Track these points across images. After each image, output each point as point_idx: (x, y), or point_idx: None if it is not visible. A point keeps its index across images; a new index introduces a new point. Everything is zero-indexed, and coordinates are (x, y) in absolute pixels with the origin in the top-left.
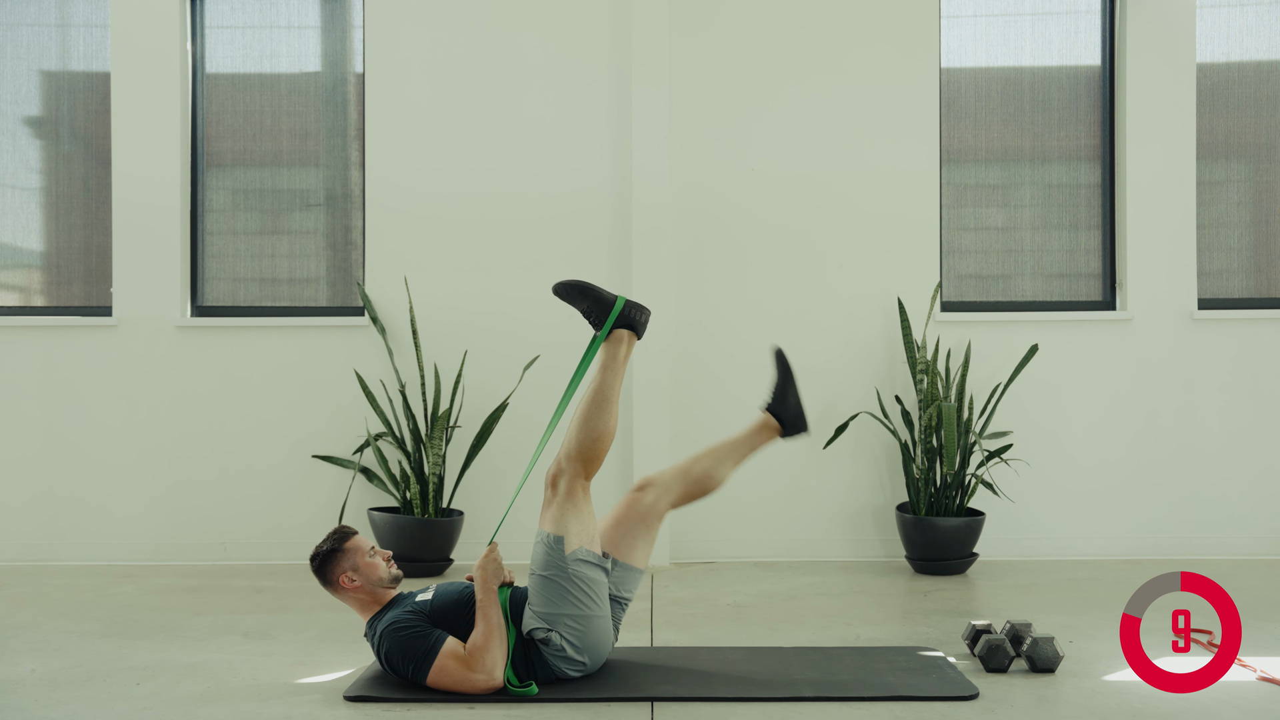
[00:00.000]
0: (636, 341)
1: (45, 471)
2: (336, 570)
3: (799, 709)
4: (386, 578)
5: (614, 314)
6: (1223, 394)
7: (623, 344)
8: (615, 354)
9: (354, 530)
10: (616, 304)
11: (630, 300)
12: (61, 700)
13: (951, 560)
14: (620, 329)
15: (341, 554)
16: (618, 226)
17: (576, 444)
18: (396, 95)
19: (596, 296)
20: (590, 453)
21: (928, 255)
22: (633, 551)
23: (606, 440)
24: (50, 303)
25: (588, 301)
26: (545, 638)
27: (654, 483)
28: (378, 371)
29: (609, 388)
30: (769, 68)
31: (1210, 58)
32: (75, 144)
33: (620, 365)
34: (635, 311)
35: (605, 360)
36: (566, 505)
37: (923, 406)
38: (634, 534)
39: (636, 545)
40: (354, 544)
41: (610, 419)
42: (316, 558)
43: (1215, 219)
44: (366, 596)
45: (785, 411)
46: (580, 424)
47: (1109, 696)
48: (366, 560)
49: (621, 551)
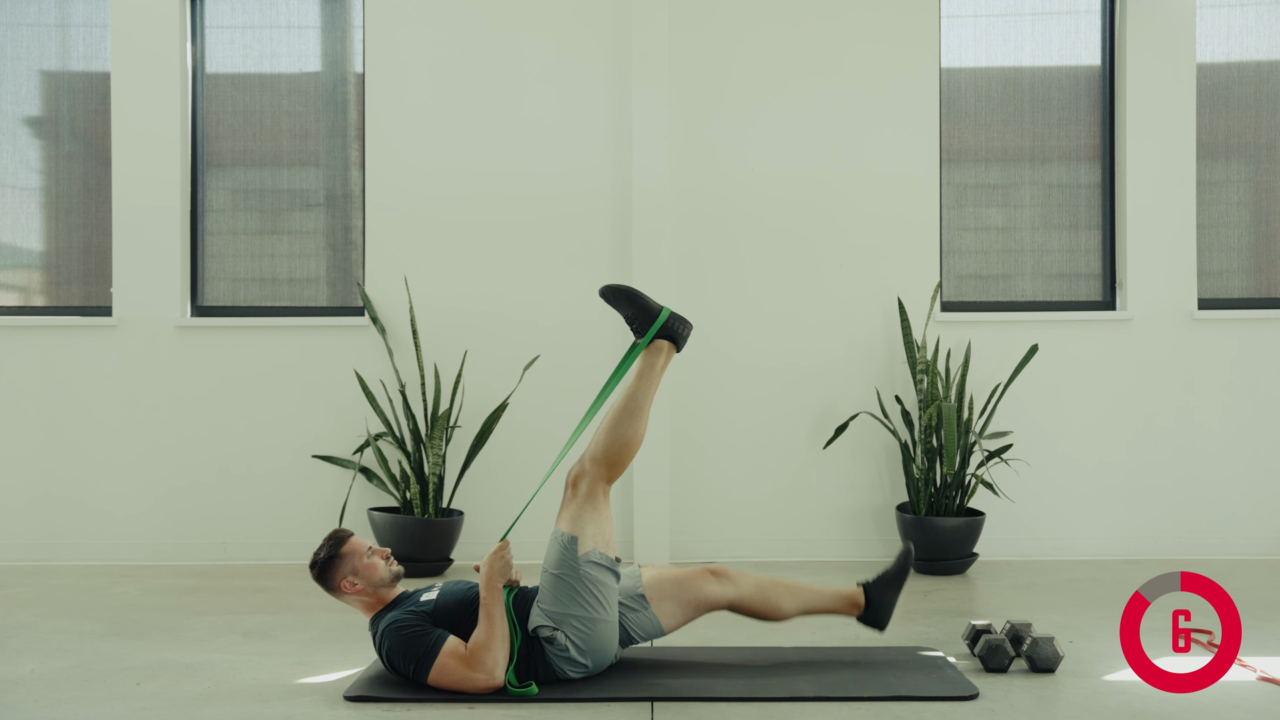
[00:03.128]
0: (675, 354)
1: (45, 471)
2: (337, 576)
3: (799, 709)
4: (388, 577)
5: (658, 323)
6: (1223, 394)
7: (662, 354)
8: (654, 363)
9: (350, 532)
10: (661, 314)
11: (675, 313)
12: (61, 700)
13: (951, 560)
14: (661, 339)
15: (340, 559)
16: (618, 227)
17: (604, 448)
18: (396, 95)
19: (643, 304)
20: (616, 458)
21: (928, 255)
22: (664, 608)
23: (634, 447)
24: (50, 303)
25: (633, 308)
26: (550, 636)
27: (729, 578)
28: (378, 372)
29: (643, 396)
30: (769, 67)
31: (1210, 58)
32: (75, 144)
33: (657, 375)
34: (679, 324)
35: (643, 369)
36: (586, 506)
37: (923, 406)
38: (679, 601)
39: (673, 609)
40: (351, 547)
41: (640, 427)
42: (315, 565)
43: (1215, 219)
44: (369, 597)
45: (880, 602)
46: (610, 429)
47: (1109, 696)
48: (365, 561)
49: (656, 601)
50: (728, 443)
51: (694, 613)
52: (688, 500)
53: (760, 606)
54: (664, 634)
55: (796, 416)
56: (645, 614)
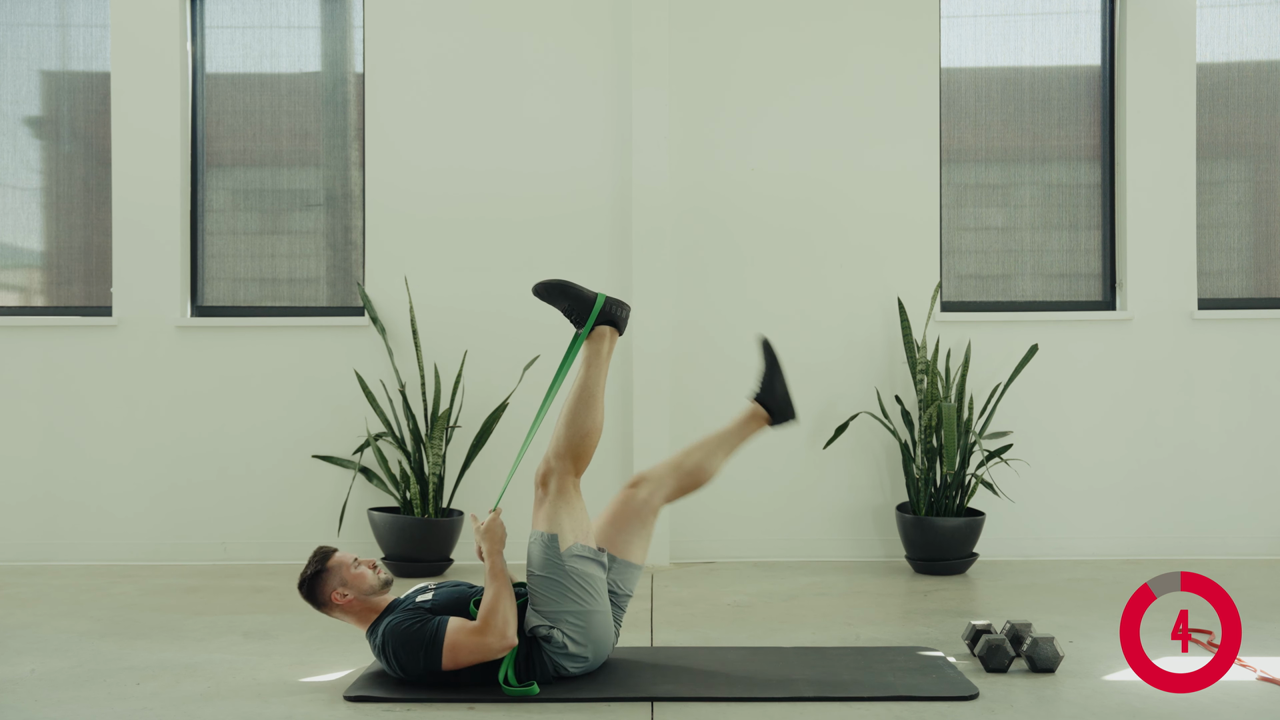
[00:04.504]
0: (619, 337)
1: (45, 471)
2: (326, 589)
3: (799, 709)
4: (377, 584)
5: (595, 311)
6: (1223, 394)
7: (605, 340)
8: (598, 351)
9: (333, 548)
10: (597, 301)
11: (610, 297)
12: (61, 700)
13: (951, 560)
14: (602, 325)
15: (327, 573)
16: (618, 227)
17: (565, 441)
18: (396, 95)
19: (577, 295)
20: (579, 449)
21: (928, 255)
22: (630, 548)
23: (594, 436)
24: (50, 303)
25: (568, 300)
26: (548, 635)
27: (647, 478)
28: (378, 371)
29: (594, 384)
30: (769, 67)
31: (1210, 58)
32: (75, 144)
33: (604, 362)
34: (615, 308)
35: (589, 357)
36: (559, 503)
37: (923, 406)
38: (630, 530)
39: (634, 541)
40: (337, 560)
41: (597, 415)
42: (304, 584)
43: (1215, 219)
44: (362, 607)
45: (773, 400)
46: (568, 421)
47: (1109, 696)
48: (353, 572)
49: (619, 548)
50: None
51: (647, 528)
52: (688, 501)
53: (690, 481)
54: (641, 567)
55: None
56: (617, 565)
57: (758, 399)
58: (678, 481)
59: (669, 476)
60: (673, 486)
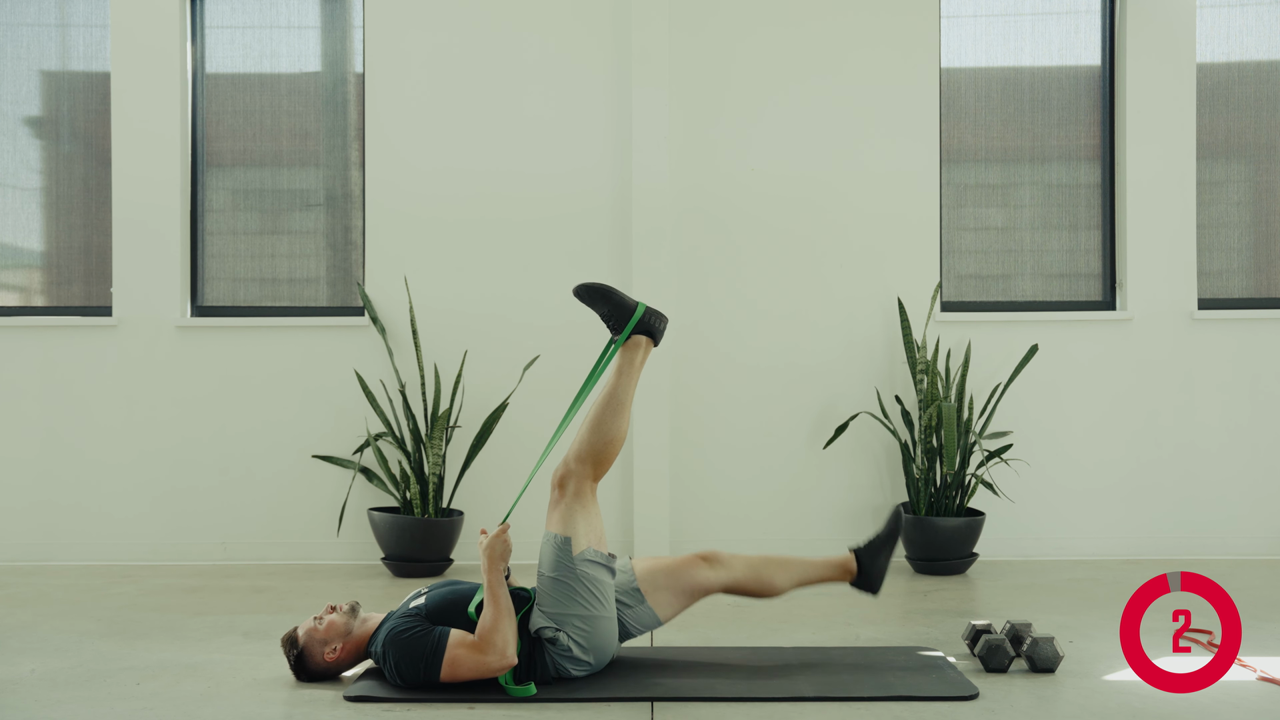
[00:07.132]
0: (653, 349)
1: (45, 471)
2: (316, 659)
3: (799, 709)
4: (349, 619)
5: (634, 319)
6: (1223, 394)
7: (640, 350)
8: (632, 359)
9: (291, 629)
10: (638, 310)
11: (650, 307)
12: (61, 700)
13: (951, 560)
14: (638, 335)
15: (305, 651)
16: (618, 227)
17: (588, 446)
18: (396, 95)
19: (618, 301)
20: (601, 455)
21: (928, 255)
22: (660, 599)
23: (618, 444)
24: (50, 303)
25: (608, 306)
26: (553, 637)
27: (720, 561)
28: (378, 371)
29: (624, 392)
30: (769, 68)
31: (1210, 58)
32: (75, 144)
33: (636, 371)
34: (655, 319)
35: (622, 365)
36: (575, 506)
37: (923, 406)
38: (674, 590)
39: (669, 599)
40: (306, 634)
41: (623, 423)
42: (298, 672)
43: (1215, 219)
44: (355, 645)
45: (871, 565)
46: (593, 427)
47: (1109, 696)
48: (322, 629)
49: (651, 593)
50: (728, 443)
51: (689, 600)
52: (688, 501)
53: (754, 586)
54: (661, 624)
55: (796, 416)
56: (641, 608)
57: (857, 555)
58: (745, 580)
59: (740, 572)
60: (736, 582)
